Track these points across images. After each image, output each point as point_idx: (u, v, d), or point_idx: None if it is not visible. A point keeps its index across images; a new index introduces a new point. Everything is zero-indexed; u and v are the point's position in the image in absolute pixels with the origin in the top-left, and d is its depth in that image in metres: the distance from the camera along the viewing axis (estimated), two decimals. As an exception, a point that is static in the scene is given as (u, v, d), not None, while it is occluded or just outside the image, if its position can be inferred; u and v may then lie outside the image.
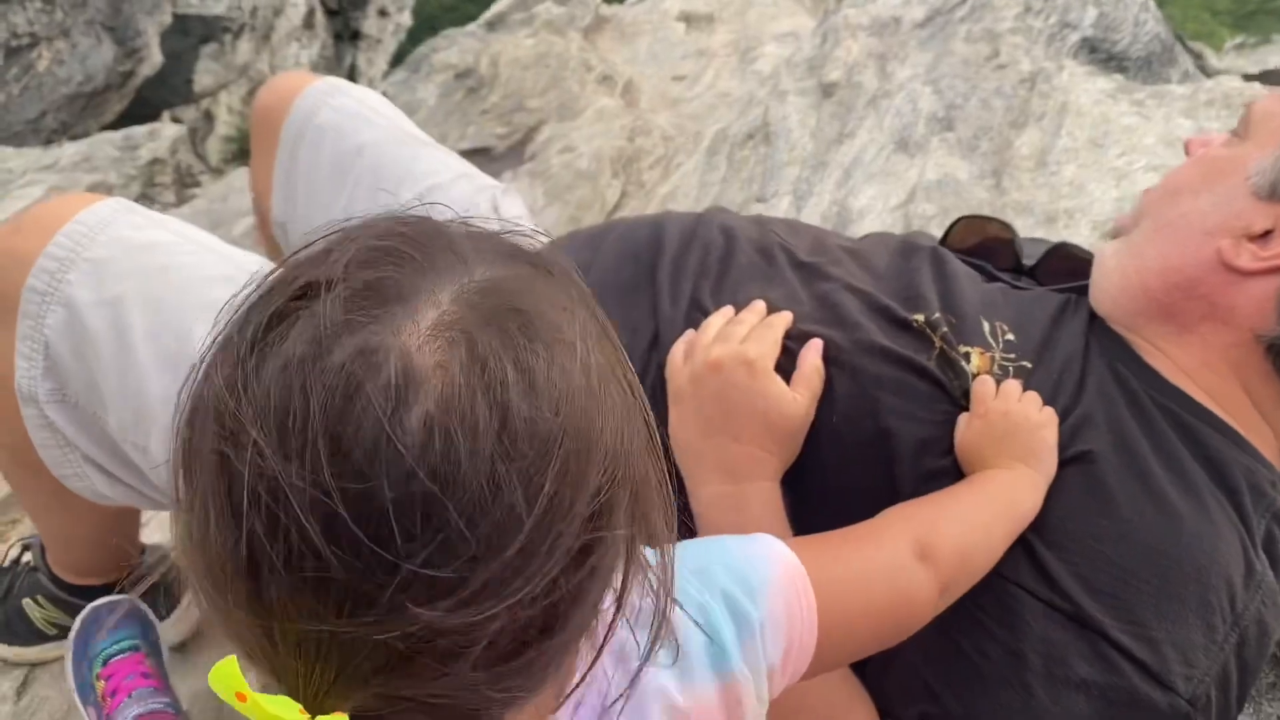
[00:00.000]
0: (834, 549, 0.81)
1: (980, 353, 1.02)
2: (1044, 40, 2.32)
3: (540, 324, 0.48)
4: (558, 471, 0.46)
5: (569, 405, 0.47)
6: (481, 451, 0.44)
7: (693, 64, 3.55)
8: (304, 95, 1.43)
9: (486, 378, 0.45)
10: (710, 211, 1.28)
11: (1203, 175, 1.00)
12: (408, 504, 0.43)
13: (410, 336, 0.45)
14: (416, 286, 0.48)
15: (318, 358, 0.45)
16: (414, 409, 0.44)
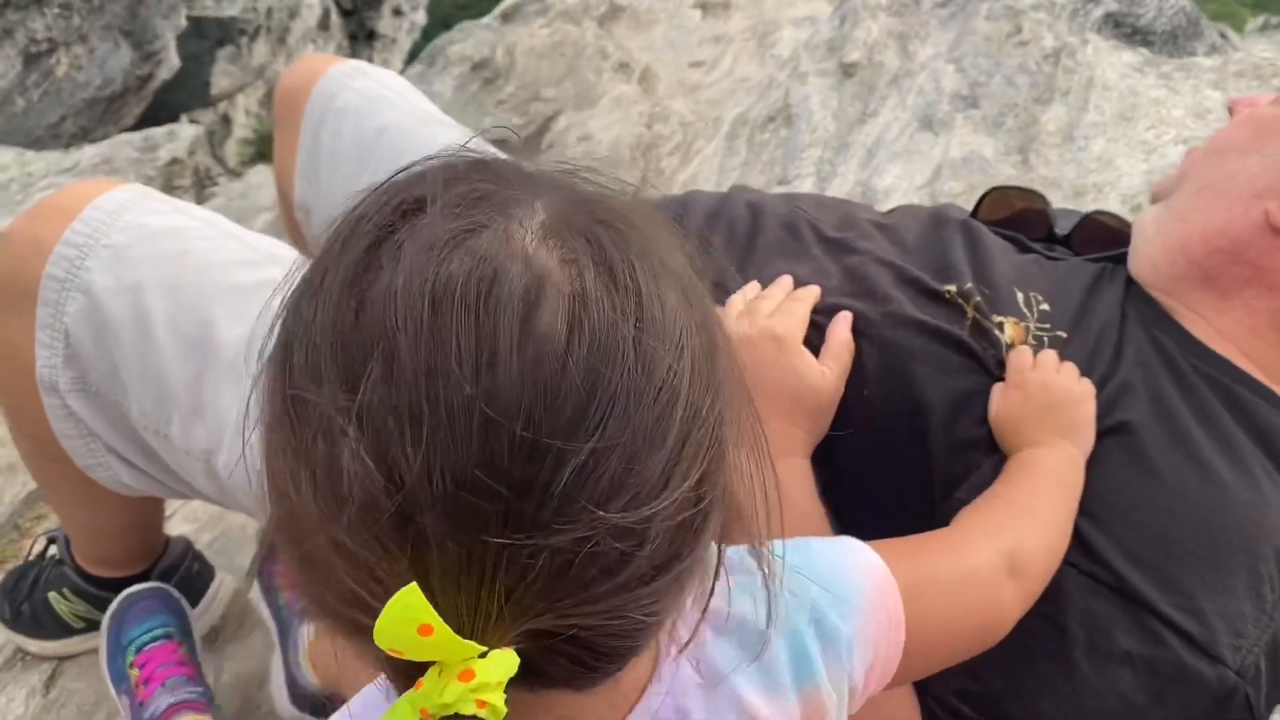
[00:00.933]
0: (925, 558, 0.78)
1: (1014, 323, 1.00)
2: (1067, 16, 2.28)
3: (652, 247, 0.48)
4: (691, 364, 0.45)
5: (688, 301, 0.47)
6: (627, 339, 0.43)
7: (710, 50, 3.52)
8: (326, 78, 1.42)
9: (611, 268, 0.45)
10: (736, 189, 1.26)
11: (1251, 135, 0.96)
12: (566, 395, 0.41)
13: (525, 238, 0.44)
14: (515, 198, 0.47)
15: (439, 264, 0.43)
16: (551, 303, 0.42)
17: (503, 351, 0.41)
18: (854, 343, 1.00)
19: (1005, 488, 0.88)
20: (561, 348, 0.41)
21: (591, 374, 0.42)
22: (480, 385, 0.41)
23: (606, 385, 0.42)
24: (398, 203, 0.47)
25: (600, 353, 0.42)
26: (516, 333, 0.41)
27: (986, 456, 0.94)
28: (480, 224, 0.45)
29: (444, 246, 0.44)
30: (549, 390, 0.41)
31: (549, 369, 0.41)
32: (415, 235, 0.45)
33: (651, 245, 0.48)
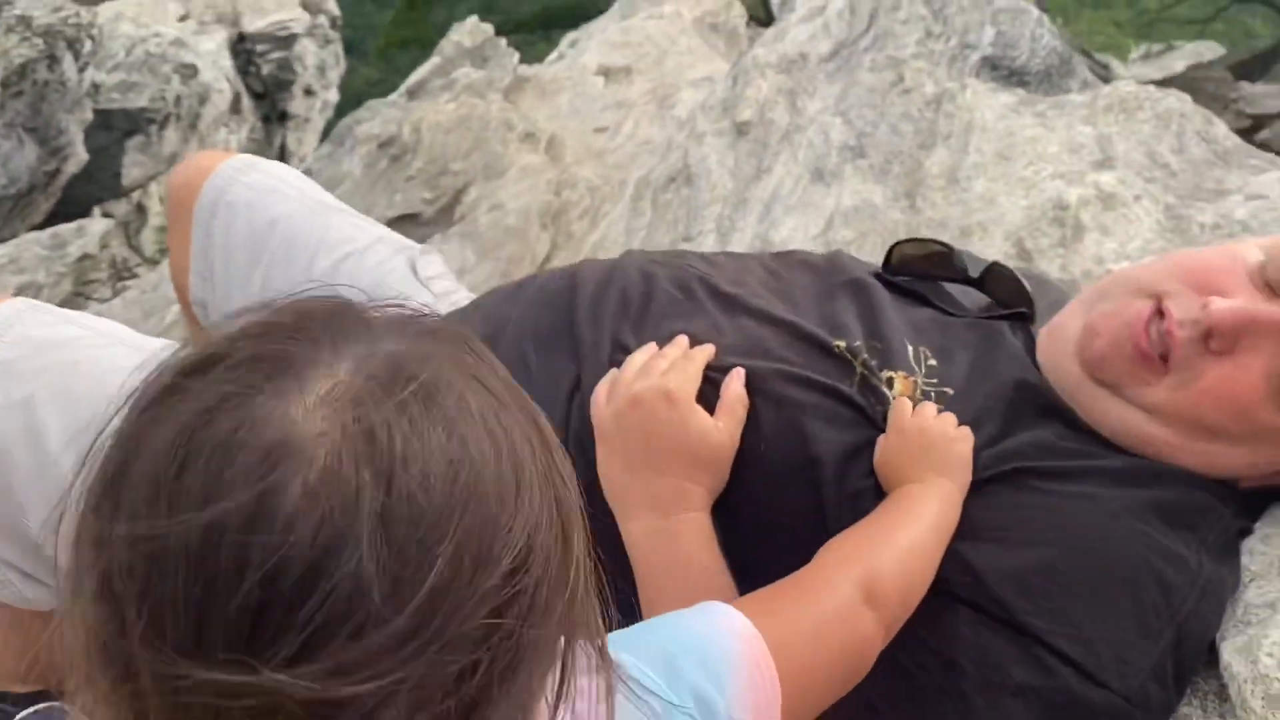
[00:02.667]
0: (785, 605, 0.81)
1: (904, 377, 1.04)
2: (946, 62, 2.38)
3: (444, 398, 0.48)
4: (452, 552, 0.44)
5: (471, 482, 0.46)
6: (359, 527, 0.43)
7: (613, 115, 3.60)
8: (216, 173, 1.44)
9: (373, 448, 0.44)
10: (626, 255, 1.30)
11: (1251, 432, 0.95)
12: (276, 577, 0.42)
13: (295, 406, 0.45)
14: (312, 359, 0.47)
15: (198, 428, 0.45)
16: (292, 478, 0.43)
17: (230, 524, 0.42)
18: (748, 398, 1.03)
19: (871, 519, 0.92)
20: (281, 531, 0.42)
21: (305, 566, 0.42)
22: (194, 550, 0.42)
23: (321, 575, 0.42)
24: (192, 360, 0.48)
25: (323, 541, 0.42)
26: (245, 509, 0.42)
27: (875, 504, 0.97)
28: (254, 390, 0.45)
29: (210, 409, 0.45)
30: (262, 573, 0.42)
31: (264, 548, 0.42)
32: (191, 395, 0.46)
33: (464, 407, 0.48)
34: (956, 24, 2.47)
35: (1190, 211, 1.74)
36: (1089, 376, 1.01)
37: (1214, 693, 0.92)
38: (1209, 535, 0.92)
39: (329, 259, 1.36)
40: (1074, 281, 1.61)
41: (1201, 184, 1.85)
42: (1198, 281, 0.98)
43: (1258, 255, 0.97)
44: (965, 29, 2.46)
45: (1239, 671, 0.85)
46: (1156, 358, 0.97)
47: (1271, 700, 0.81)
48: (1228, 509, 0.96)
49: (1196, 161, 1.91)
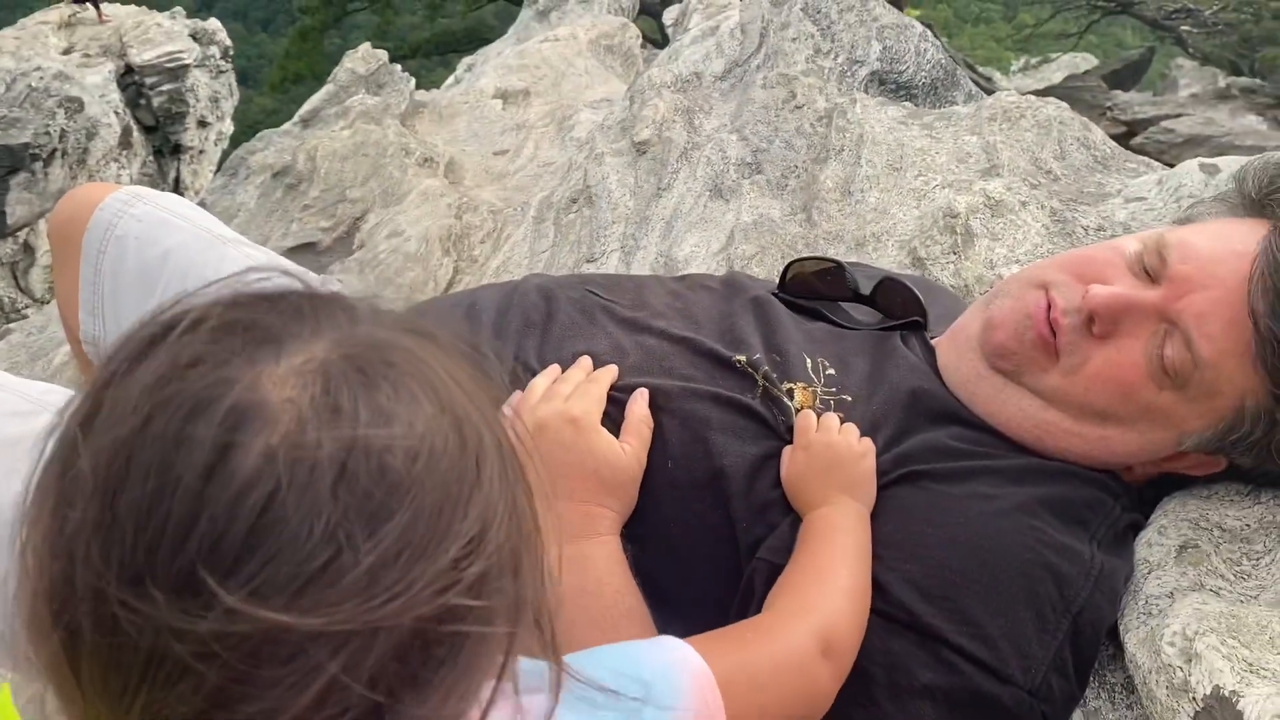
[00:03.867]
0: (742, 650, 0.81)
1: (803, 388, 1.06)
2: (835, 78, 2.44)
3: (415, 384, 0.49)
4: (404, 524, 0.46)
5: (429, 465, 0.47)
6: (313, 492, 0.44)
7: (512, 138, 3.59)
8: (102, 207, 1.39)
9: (337, 419, 0.46)
10: (527, 277, 1.29)
11: (1138, 413, 0.99)
12: (228, 528, 0.43)
13: (267, 372, 0.46)
14: (294, 332, 0.49)
15: (170, 380, 0.46)
16: (254, 439, 0.44)
17: (186, 481, 0.43)
18: (653, 417, 1.04)
19: (808, 559, 0.92)
20: (237, 489, 0.44)
21: (257, 523, 0.43)
22: (152, 505, 0.43)
23: (274, 534, 0.44)
24: (167, 319, 0.49)
25: (278, 502, 0.44)
26: (201, 465, 0.44)
27: (784, 516, 0.98)
28: (229, 353, 0.47)
29: (183, 366, 0.46)
30: (214, 528, 0.43)
31: (221, 505, 0.43)
32: (166, 349, 0.47)
33: (434, 392, 0.49)
34: (844, 41, 2.53)
35: (1074, 215, 1.81)
36: (991, 367, 1.05)
37: (1121, 685, 0.95)
38: (1100, 528, 0.95)
39: None
40: (967, 287, 1.65)
41: (1084, 188, 1.92)
42: (1080, 272, 1.02)
43: (1135, 246, 1.02)
44: (853, 45, 2.52)
45: (1143, 663, 0.88)
46: (1053, 342, 1.01)
47: (1175, 690, 0.84)
48: (1117, 502, 0.99)
49: (1078, 167, 1.99)
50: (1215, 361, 0.93)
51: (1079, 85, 12.88)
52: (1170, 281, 0.96)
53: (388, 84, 4.36)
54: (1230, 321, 0.92)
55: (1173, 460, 1.01)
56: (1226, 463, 1.00)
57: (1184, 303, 0.95)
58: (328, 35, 19.91)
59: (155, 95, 15.82)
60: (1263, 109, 11.25)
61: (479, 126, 3.83)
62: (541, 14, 5.71)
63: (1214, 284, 0.94)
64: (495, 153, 3.52)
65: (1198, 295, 0.94)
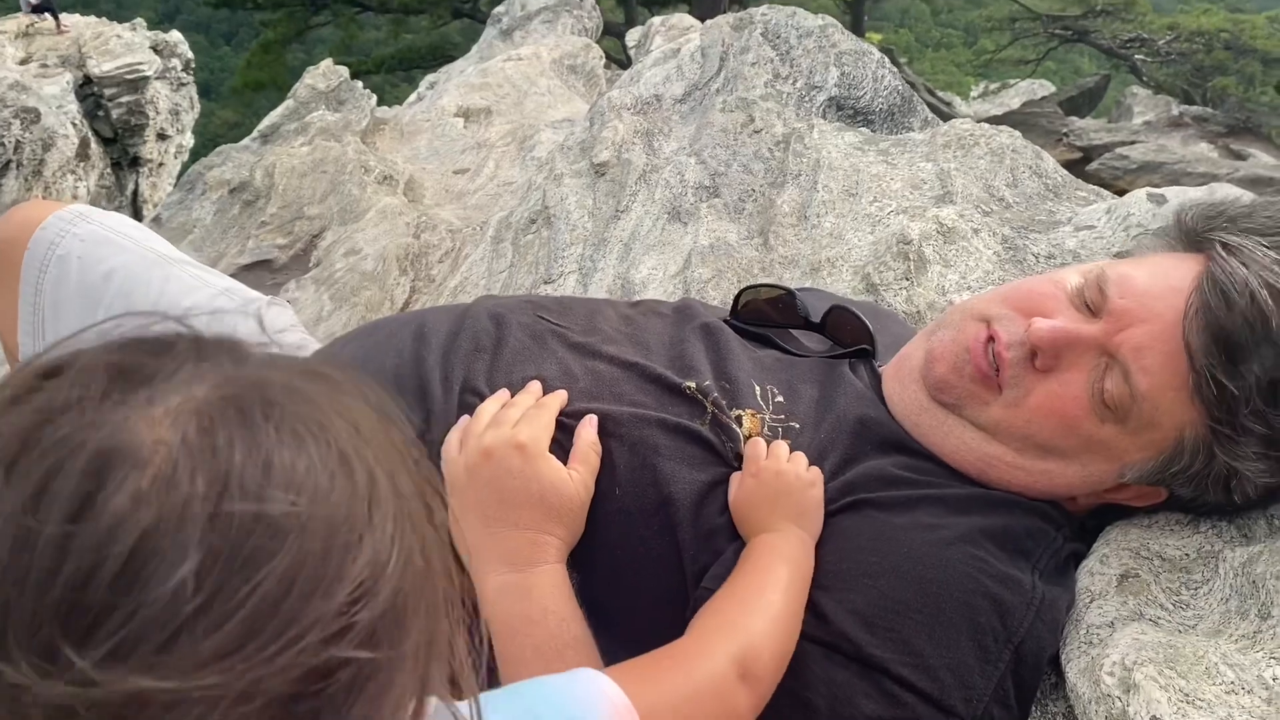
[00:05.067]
0: (659, 675, 0.80)
1: (751, 415, 1.06)
2: (794, 103, 2.46)
3: (299, 425, 0.47)
4: (285, 569, 0.44)
5: (313, 501, 0.45)
6: (185, 536, 0.42)
7: (473, 157, 3.59)
8: (45, 226, 1.37)
9: (213, 460, 0.44)
10: (479, 300, 1.28)
11: (1080, 446, 1.00)
12: (90, 578, 0.41)
13: (140, 415, 0.45)
14: (170, 373, 0.47)
15: (38, 426, 0.44)
16: (123, 483, 0.43)
17: (50, 524, 0.42)
18: (602, 443, 1.03)
19: (737, 582, 0.92)
20: (100, 536, 0.42)
21: (118, 569, 0.42)
22: (16, 550, 0.42)
23: (138, 583, 0.42)
24: (45, 365, 0.48)
25: (145, 547, 0.42)
26: (64, 510, 0.42)
27: (729, 543, 0.98)
28: (104, 397, 0.45)
29: (54, 413, 0.44)
30: (73, 575, 0.41)
31: (82, 550, 0.42)
32: (41, 395, 0.46)
33: (318, 430, 0.48)
34: (803, 66, 2.55)
35: (1025, 242, 1.83)
36: (933, 400, 1.06)
37: (1063, 714, 0.95)
38: (1042, 557, 0.96)
39: (171, 312, 1.31)
40: (919, 313, 1.67)
41: (1035, 216, 1.94)
42: (1023, 306, 1.03)
43: (1077, 279, 1.03)
44: (811, 71, 2.54)
45: (1083, 693, 0.88)
46: (994, 376, 1.01)
47: (1114, 719, 0.84)
48: (1059, 532, 1.00)
49: (1029, 194, 2.01)
50: (1153, 395, 0.94)
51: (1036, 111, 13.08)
52: (1110, 315, 0.98)
53: (349, 100, 4.34)
54: (1168, 355, 0.94)
55: (1115, 492, 1.02)
56: (1167, 493, 1.01)
57: (1122, 336, 0.96)
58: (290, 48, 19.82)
59: (114, 107, 15.65)
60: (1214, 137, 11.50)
61: (440, 144, 3.82)
62: (505, 33, 5.72)
63: (1152, 318, 0.95)
64: (455, 171, 3.51)
65: (1136, 329, 0.95)
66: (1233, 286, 0.92)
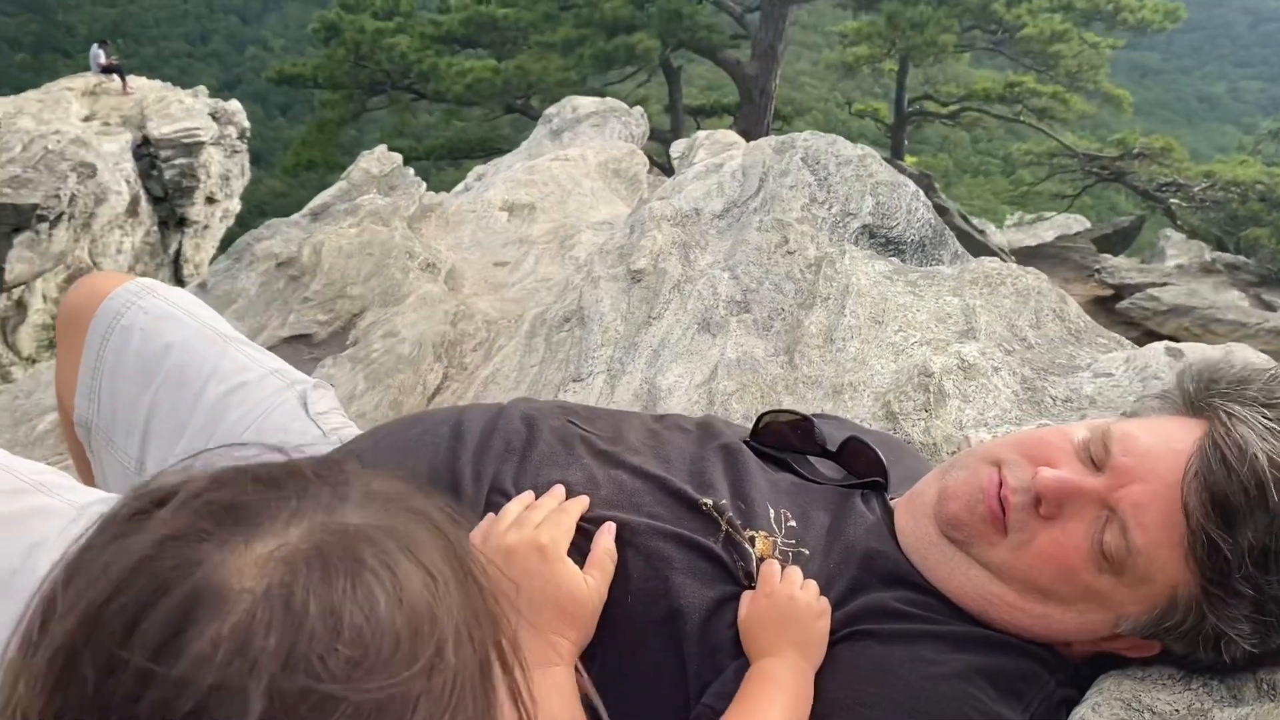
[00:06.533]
0: None
1: (764, 537, 1.11)
2: (828, 227, 2.54)
3: (375, 579, 0.51)
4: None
5: (372, 667, 0.49)
6: (252, 686, 0.46)
7: (514, 250, 3.69)
8: (112, 296, 1.44)
9: (287, 616, 0.48)
10: (513, 402, 1.34)
11: (1078, 594, 1.03)
12: (167, 710, 0.46)
13: (235, 558, 0.49)
14: (272, 514, 0.51)
15: (143, 560, 0.49)
16: (206, 626, 0.47)
17: (135, 660, 0.47)
18: (618, 551, 1.08)
19: (740, 710, 0.95)
20: (179, 676, 0.46)
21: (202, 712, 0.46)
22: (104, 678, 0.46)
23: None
24: (159, 492, 0.53)
25: (220, 690, 0.46)
26: (152, 646, 0.47)
27: (731, 660, 1.02)
28: (204, 536, 0.50)
29: (160, 544, 0.49)
30: (161, 707, 0.46)
31: (161, 690, 0.46)
32: (151, 524, 0.51)
33: (396, 588, 0.51)
34: (839, 193, 2.64)
35: (1044, 384, 1.88)
36: (943, 535, 1.10)
37: None
38: (1034, 700, 0.99)
39: (220, 388, 1.37)
40: (935, 445, 1.71)
41: (1055, 359, 1.99)
42: (1032, 454, 1.08)
43: (1084, 433, 1.08)
44: (847, 198, 2.63)
45: (1068, 834, 0.91)
46: (1003, 518, 1.06)
47: None
48: (1053, 677, 1.03)
49: (1052, 337, 2.07)
50: (1149, 550, 0.98)
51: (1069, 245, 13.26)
52: (1112, 471, 1.02)
53: (399, 186, 4.49)
54: (1165, 514, 0.98)
55: (1110, 641, 1.05)
56: (1161, 647, 1.04)
57: (1123, 492, 1.00)
58: (345, 128, 20.42)
59: (168, 168, 16.14)
60: (1245, 285, 11.59)
61: (483, 236, 3.93)
62: (555, 133, 5.91)
63: (1152, 478, 1.00)
64: (496, 263, 3.61)
65: (1136, 487, 1.00)
66: (1231, 453, 0.96)
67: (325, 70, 19.93)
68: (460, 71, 18.82)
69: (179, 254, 16.27)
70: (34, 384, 3.60)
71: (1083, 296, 7.85)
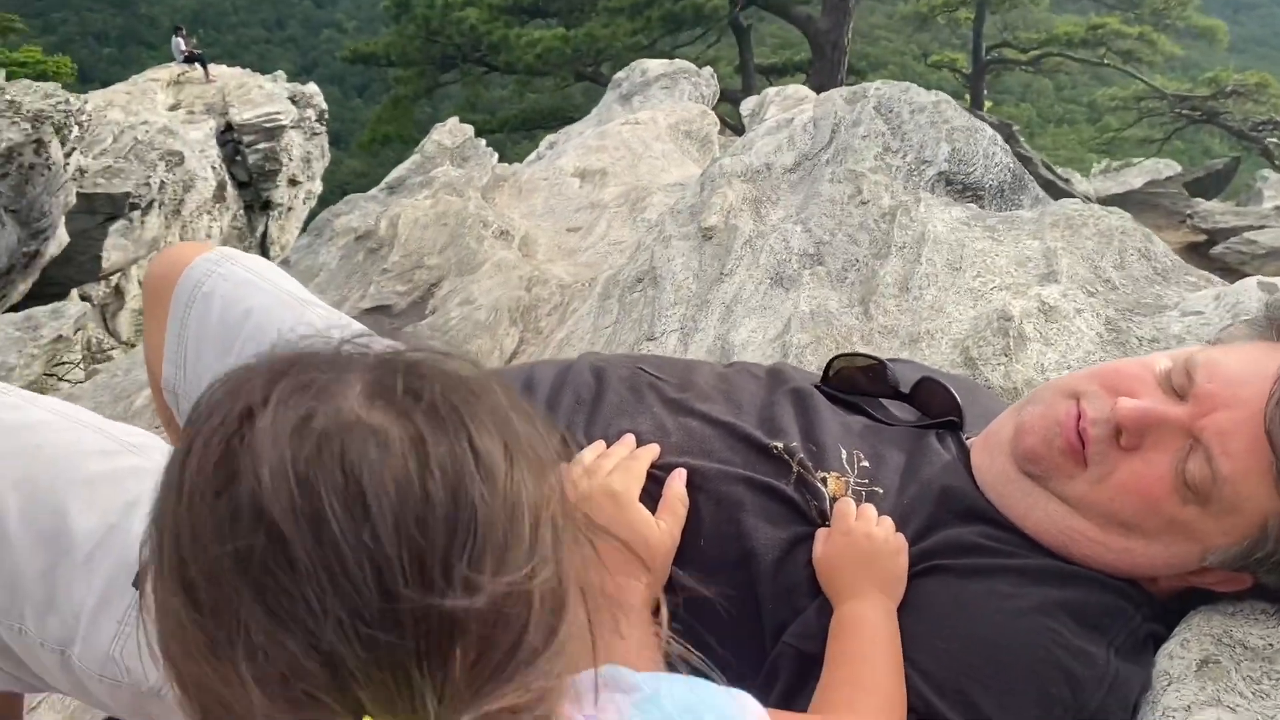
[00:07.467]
0: None
1: (836, 477, 1.10)
2: (903, 176, 2.49)
3: (443, 381, 0.58)
4: (525, 469, 0.59)
5: (501, 425, 0.59)
6: (466, 458, 0.55)
7: (586, 216, 3.70)
8: (193, 265, 1.48)
9: (434, 408, 0.56)
10: (582, 356, 1.35)
11: (1162, 526, 1.00)
12: (435, 525, 0.53)
13: (355, 409, 0.55)
14: (330, 380, 0.57)
15: (292, 456, 0.53)
16: (396, 454, 0.53)
17: (374, 508, 0.51)
18: (689, 496, 1.08)
19: (852, 667, 0.95)
20: (420, 489, 0.52)
21: (449, 500, 0.53)
22: (364, 540, 0.51)
23: (466, 503, 0.53)
24: (234, 411, 0.56)
25: (451, 479, 0.53)
26: (378, 487, 0.51)
27: (810, 599, 1.01)
28: (310, 411, 0.54)
29: (288, 439, 0.53)
30: (421, 525, 0.52)
31: (415, 509, 0.52)
32: (257, 437, 0.53)
33: (462, 383, 0.58)
34: (914, 140, 2.59)
35: (1130, 325, 1.82)
36: (1020, 471, 1.07)
37: (1131, 792, 0.95)
38: (1118, 635, 0.96)
39: None
40: (1016, 390, 1.68)
41: (1141, 299, 1.93)
42: (1111, 384, 1.05)
43: (1166, 363, 1.05)
44: (922, 145, 2.57)
45: (1155, 772, 0.89)
46: (1081, 451, 1.03)
47: (1185, 799, 0.84)
48: (1139, 611, 1.00)
49: (1137, 277, 2.00)
50: (1235, 479, 0.95)
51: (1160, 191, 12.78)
52: (1196, 399, 0.99)
53: (472, 157, 4.53)
54: (1252, 441, 0.94)
55: (1198, 575, 1.02)
56: (1252, 580, 1.00)
57: (1207, 420, 0.97)
58: (419, 104, 20.64)
59: (251, 153, 16.52)
60: (1350, 225, 11.05)
61: (555, 202, 3.95)
62: (625, 97, 5.89)
63: (1237, 404, 0.96)
64: (569, 229, 3.63)
65: (1221, 414, 0.96)
66: None
67: (397, 47, 20.15)
68: (530, 42, 18.86)
69: (265, 236, 16.66)
70: (131, 362, 3.73)
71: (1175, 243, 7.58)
